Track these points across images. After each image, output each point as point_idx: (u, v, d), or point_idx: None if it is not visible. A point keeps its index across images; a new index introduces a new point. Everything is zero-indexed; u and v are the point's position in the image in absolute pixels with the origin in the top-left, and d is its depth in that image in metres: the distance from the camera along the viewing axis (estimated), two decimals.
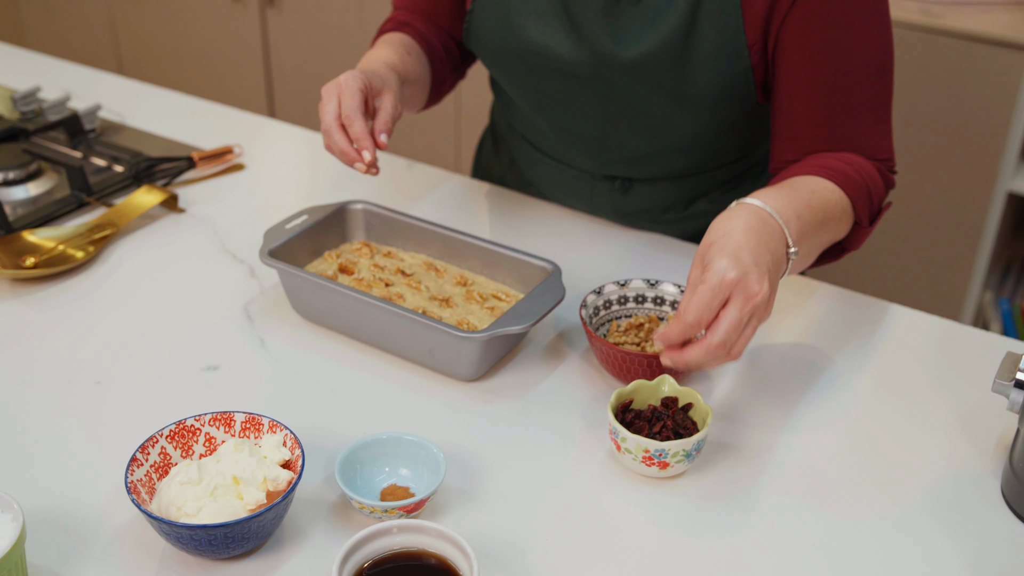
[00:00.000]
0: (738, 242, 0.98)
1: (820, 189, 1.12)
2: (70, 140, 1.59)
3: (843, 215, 1.14)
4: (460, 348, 1.09)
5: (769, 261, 0.99)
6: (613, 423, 1.00)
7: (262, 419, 0.97)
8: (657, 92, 1.24)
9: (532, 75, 1.31)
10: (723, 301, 0.95)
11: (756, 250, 0.97)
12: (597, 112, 1.31)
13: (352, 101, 1.15)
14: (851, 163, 1.17)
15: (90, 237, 1.35)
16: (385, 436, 0.99)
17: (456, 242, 1.25)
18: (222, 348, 1.18)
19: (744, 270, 0.95)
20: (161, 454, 0.95)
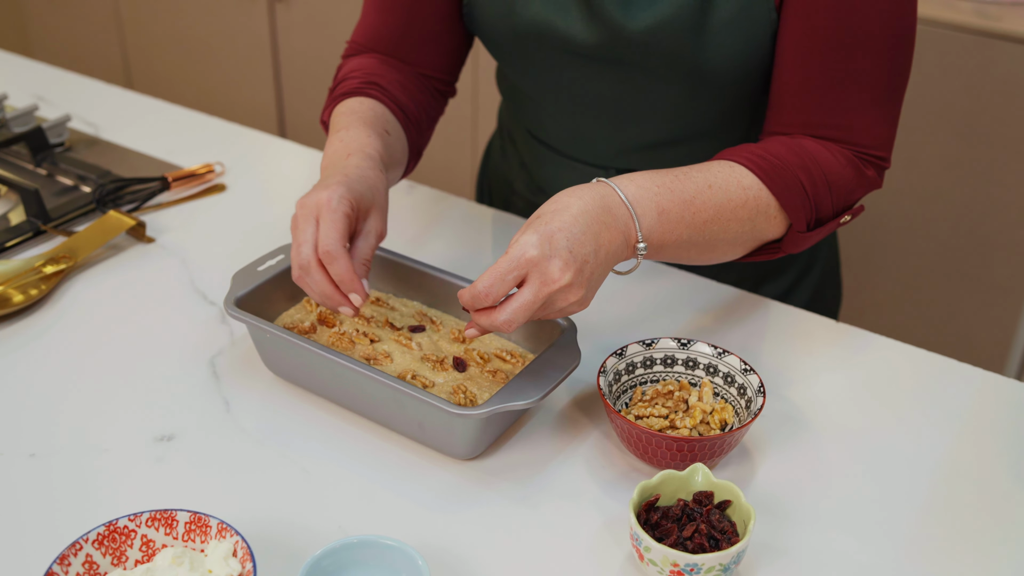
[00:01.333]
0: (562, 223, 0.89)
1: (724, 183, 1.00)
2: (33, 156, 1.43)
3: (757, 215, 1.01)
4: (454, 425, 0.92)
5: (589, 253, 0.89)
6: (635, 528, 0.82)
7: (210, 520, 0.80)
8: (671, 68, 1.09)
9: (538, 57, 1.15)
10: (519, 278, 0.88)
11: (578, 237, 0.89)
12: (609, 93, 1.15)
13: (334, 232, 0.93)
14: (801, 157, 1.03)
15: (42, 272, 1.18)
16: (357, 540, 0.81)
17: (453, 288, 1.07)
18: (180, 412, 1.01)
19: (549, 253, 0.87)
20: (87, 563, 0.79)
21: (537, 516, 0.91)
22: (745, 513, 0.85)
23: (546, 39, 1.12)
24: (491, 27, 1.16)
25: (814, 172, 1.03)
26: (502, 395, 0.91)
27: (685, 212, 0.97)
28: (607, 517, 0.91)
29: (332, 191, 0.95)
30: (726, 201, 0.99)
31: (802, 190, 1.02)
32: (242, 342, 1.11)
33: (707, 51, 1.06)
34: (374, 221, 0.99)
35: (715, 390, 1.01)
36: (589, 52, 1.11)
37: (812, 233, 1.05)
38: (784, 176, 1.01)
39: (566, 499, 0.92)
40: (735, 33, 1.05)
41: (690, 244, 0.99)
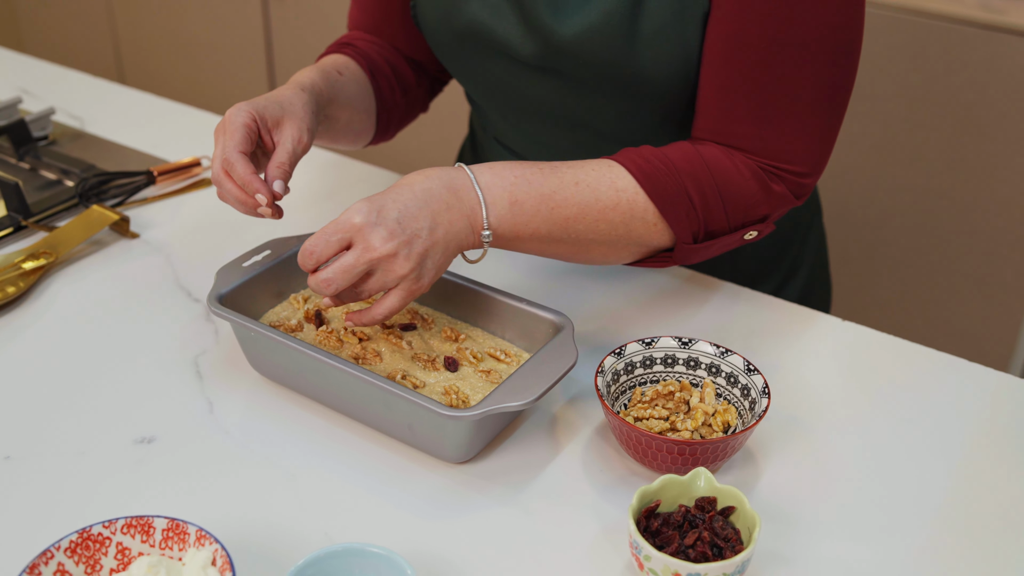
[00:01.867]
0: (398, 196, 0.90)
1: (594, 182, 0.96)
2: (15, 150, 1.39)
3: (631, 219, 0.97)
4: (445, 427, 0.88)
5: (422, 229, 0.89)
6: (635, 536, 0.78)
7: (188, 527, 0.77)
8: (610, 76, 1.04)
9: (479, 61, 1.12)
10: (344, 242, 0.89)
11: (412, 211, 0.89)
12: (549, 101, 1.11)
13: (231, 140, 0.97)
14: (695, 164, 0.98)
15: (22, 269, 1.14)
16: (341, 548, 0.77)
17: (446, 285, 1.03)
18: (162, 413, 0.98)
19: (376, 221, 0.88)
20: (58, 573, 0.75)
21: (532, 522, 0.87)
22: (750, 520, 0.81)
23: (485, 44, 1.09)
24: (433, 28, 1.13)
25: (704, 182, 0.98)
26: (495, 396, 0.87)
27: (542, 206, 0.94)
28: (605, 523, 0.87)
29: (232, 109, 1.00)
30: (593, 201, 0.96)
31: (687, 199, 0.97)
32: (227, 341, 1.07)
33: (640, 59, 1.01)
34: (289, 130, 1.01)
35: (717, 391, 0.97)
36: (526, 60, 1.07)
37: (703, 246, 1.00)
38: (666, 183, 0.97)
39: (562, 505, 0.89)
40: (668, 40, 1.00)
41: (551, 239, 0.96)
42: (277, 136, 1.01)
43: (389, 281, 0.90)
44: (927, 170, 2.07)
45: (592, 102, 1.09)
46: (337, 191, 1.35)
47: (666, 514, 0.83)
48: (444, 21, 1.11)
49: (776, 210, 1.02)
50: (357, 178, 1.39)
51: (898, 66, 2.00)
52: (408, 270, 0.89)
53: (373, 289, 0.91)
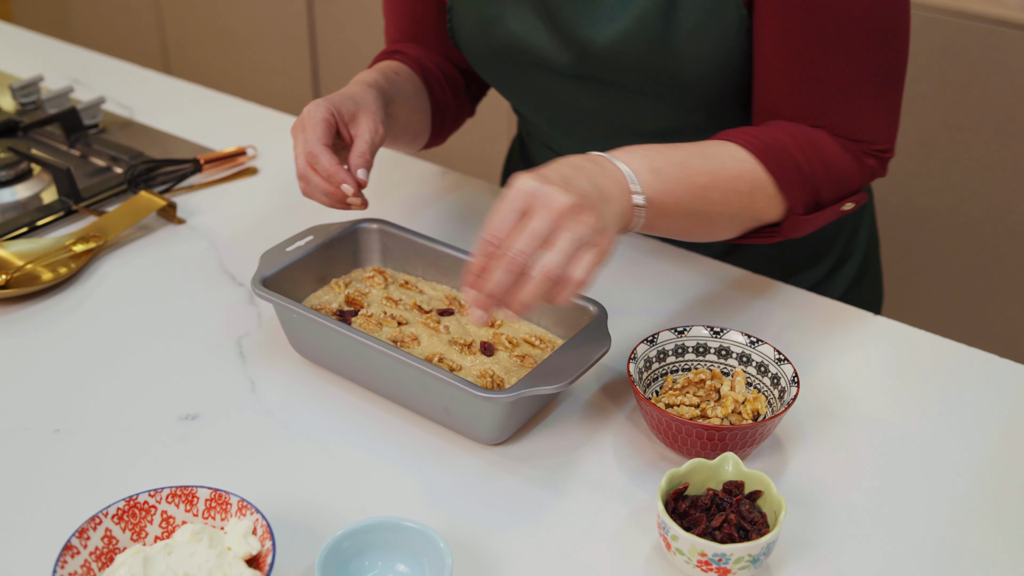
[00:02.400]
0: (550, 167, 0.85)
1: (718, 153, 0.97)
2: (67, 137, 1.43)
3: (755, 190, 0.98)
4: (480, 409, 0.90)
5: (586, 187, 0.84)
6: (663, 516, 0.80)
7: (230, 498, 0.79)
8: (646, 81, 1.06)
9: (518, 74, 1.14)
10: (521, 211, 0.82)
11: (570, 174, 0.84)
12: (590, 109, 1.13)
13: (314, 135, 1.00)
14: (798, 140, 1.00)
15: (72, 251, 1.18)
16: (376, 522, 0.80)
17: None
18: (206, 392, 1.01)
19: (546, 183, 0.82)
20: (105, 538, 0.78)
21: (563, 503, 0.89)
22: (776, 504, 0.82)
23: (522, 58, 1.11)
24: (470, 46, 1.16)
25: (811, 155, 1.00)
26: (529, 379, 0.89)
27: (680, 173, 0.93)
28: (634, 506, 0.89)
29: (311, 105, 1.02)
30: (721, 169, 0.97)
31: (799, 171, 1.00)
32: (269, 324, 1.10)
33: (677, 60, 1.03)
34: (366, 122, 1.04)
35: (748, 380, 0.99)
36: (564, 70, 1.09)
37: (811, 217, 1.03)
38: (780, 156, 0.99)
39: (593, 487, 0.91)
40: (705, 38, 1.02)
41: (689, 212, 0.95)
42: (354, 129, 1.04)
43: (578, 236, 0.81)
44: (966, 171, 2.06)
45: (633, 106, 1.11)
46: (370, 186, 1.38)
47: (694, 497, 0.85)
48: (481, 39, 1.14)
49: (868, 182, 1.06)
50: (406, 174, 1.41)
51: (938, 67, 2.00)
52: (594, 219, 0.82)
53: (560, 260, 0.80)
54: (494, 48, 1.13)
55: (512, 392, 0.87)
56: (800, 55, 1.00)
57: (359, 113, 1.04)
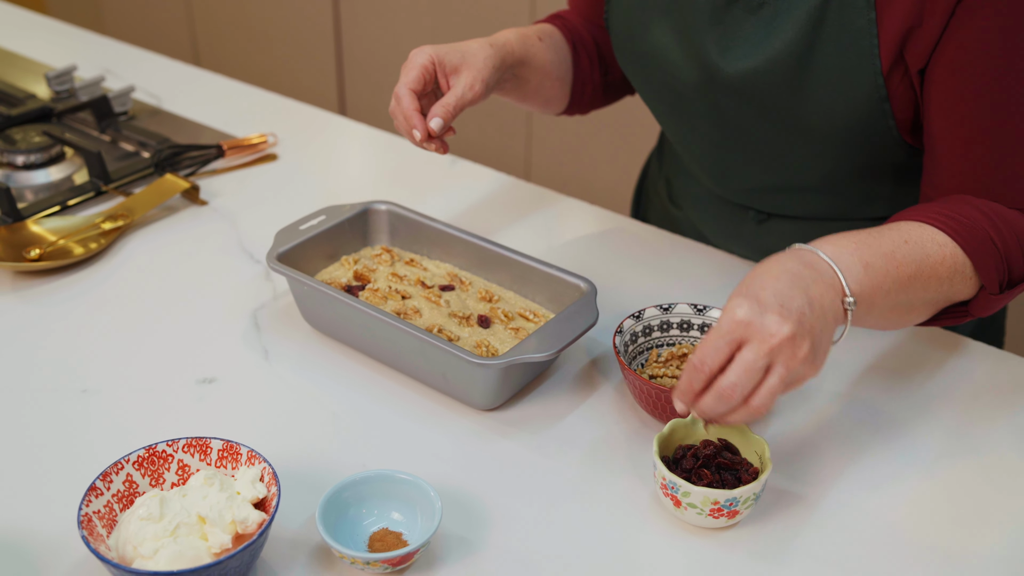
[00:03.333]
0: (764, 282, 0.84)
1: (919, 239, 0.94)
2: (98, 123, 1.51)
3: (954, 274, 0.95)
4: (475, 375, 0.97)
5: (803, 305, 0.83)
6: (669, 477, 0.87)
7: (240, 448, 0.87)
8: (768, 119, 1.08)
9: (652, 82, 1.18)
10: (735, 343, 0.82)
11: (786, 291, 0.83)
12: (711, 133, 1.16)
13: (406, 78, 1.08)
14: (988, 215, 0.97)
15: (101, 228, 1.26)
16: (373, 474, 0.87)
17: (485, 252, 1.13)
18: (223, 358, 1.08)
19: (760, 309, 0.81)
20: (127, 482, 0.85)
21: (550, 463, 0.96)
22: (758, 445, 0.90)
23: (655, 64, 1.14)
24: (619, 44, 1.19)
25: (1004, 231, 0.97)
26: (520, 348, 0.96)
27: (889, 265, 0.90)
28: (616, 468, 0.95)
29: (415, 50, 1.09)
30: (925, 257, 0.93)
31: (995, 249, 0.96)
32: (283, 297, 1.17)
33: (807, 106, 1.04)
34: (465, 77, 1.09)
35: None
36: (689, 86, 1.12)
37: (1004, 295, 0.99)
38: (976, 235, 0.95)
39: (579, 449, 0.97)
40: (834, 93, 1.02)
41: (895, 303, 0.92)
42: (454, 80, 1.09)
43: (793, 370, 0.82)
44: None
45: (752, 138, 1.12)
46: (384, 171, 1.44)
47: (676, 457, 0.91)
48: (627, 41, 1.17)
49: None
50: (417, 161, 1.48)
51: None
52: (807, 350, 0.82)
53: (774, 388, 0.82)
54: (635, 53, 1.16)
55: (504, 359, 0.94)
56: (976, 129, 0.97)
57: (462, 67, 1.09)
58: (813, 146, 1.09)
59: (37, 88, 1.63)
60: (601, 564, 0.86)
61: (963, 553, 0.87)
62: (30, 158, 1.40)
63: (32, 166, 1.40)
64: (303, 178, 1.43)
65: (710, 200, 1.28)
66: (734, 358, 0.82)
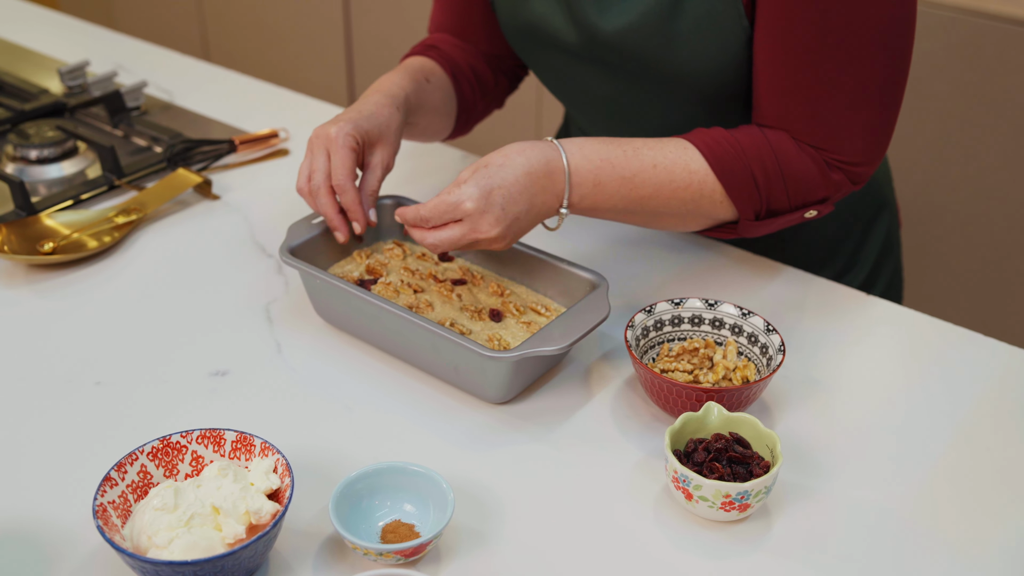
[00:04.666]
0: (503, 180, 0.98)
1: (671, 164, 1.04)
2: (111, 118, 1.52)
3: (700, 198, 1.06)
4: (487, 368, 0.97)
5: (521, 211, 0.99)
6: (681, 470, 0.87)
7: (254, 440, 0.87)
8: (651, 71, 1.12)
9: (540, 53, 1.22)
10: (454, 219, 0.98)
11: (514, 196, 0.98)
12: (602, 92, 1.20)
13: (344, 167, 1.07)
14: (762, 147, 1.05)
15: (114, 222, 1.26)
16: (386, 466, 0.88)
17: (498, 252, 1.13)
18: (235, 351, 1.08)
19: (484, 208, 0.97)
20: (141, 473, 0.86)
21: (561, 456, 0.96)
22: (767, 439, 0.90)
23: (542, 37, 1.18)
24: (504, 23, 1.23)
25: (769, 165, 1.05)
26: (532, 341, 0.96)
27: (622, 187, 1.03)
28: (628, 462, 0.96)
29: (339, 128, 1.08)
30: (668, 182, 1.04)
31: (751, 181, 1.05)
32: (296, 291, 1.18)
33: (678, 56, 1.08)
34: (380, 154, 1.11)
35: (739, 349, 1.05)
36: (576, 51, 1.15)
37: (765, 222, 1.08)
38: (734, 165, 1.04)
39: (590, 444, 0.98)
40: (704, 39, 1.06)
41: (626, 212, 1.05)
42: (370, 156, 1.11)
43: (480, 246, 1.01)
44: (982, 168, 2.11)
45: (638, 94, 1.17)
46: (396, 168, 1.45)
47: (687, 451, 0.92)
48: (511, 17, 1.20)
49: (835, 194, 1.09)
50: (429, 158, 1.49)
51: (954, 66, 2.05)
52: (502, 245, 1.01)
53: (462, 249, 1.02)
54: (519, 26, 1.20)
55: (516, 352, 0.94)
56: (791, 63, 1.03)
57: (378, 143, 1.11)
58: (694, 90, 1.12)
59: (50, 83, 1.64)
60: (613, 556, 0.86)
61: (974, 546, 0.87)
62: (43, 153, 1.41)
63: (45, 160, 1.41)
64: None
65: None
66: (446, 226, 0.99)
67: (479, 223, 0.98)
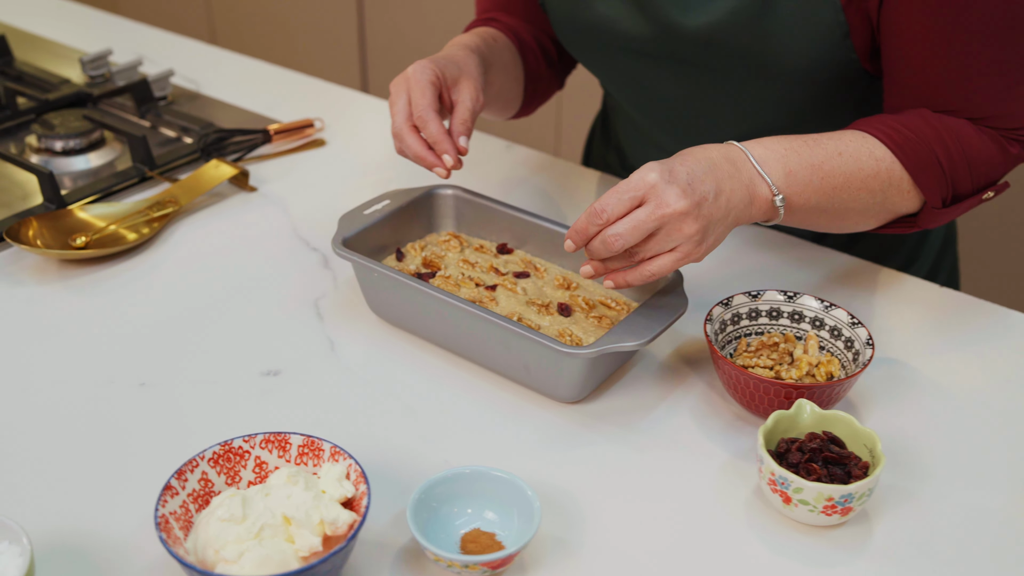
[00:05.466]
0: (684, 160, 0.89)
1: (855, 152, 0.97)
2: (137, 108, 1.45)
3: (888, 187, 0.99)
4: (562, 365, 0.91)
5: (709, 192, 0.88)
6: (779, 471, 0.81)
7: (323, 444, 0.81)
8: (737, 67, 1.06)
9: (604, 53, 1.15)
10: (636, 200, 0.87)
11: (699, 175, 0.89)
12: (675, 93, 1.14)
13: (423, 98, 1.00)
14: (938, 130, 0.98)
15: (149, 215, 1.20)
16: (468, 471, 0.82)
17: (559, 237, 1.07)
18: (286, 350, 1.02)
19: (669, 180, 0.87)
20: (202, 481, 0.80)
21: (643, 459, 0.90)
22: (866, 438, 0.85)
23: (605, 35, 1.11)
24: (558, 20, 1.16)
25: (952, 147, 0.99)
26: (610, 336, 0.90)
27: (813, 176, 0.95)
28: (715, 462, 0.90)
29: (417, 65, 1.03)
30: (856, 170, 0.97)
31: (938, 166, 0.99)
32: (345, 286, 1.12)
33: (773, 49, 1.02)
34: (466, 90, 1.04)
35: (821, 344, 0.99)
36: (648, 51, 1.09)
37: (949, 209, 1.02)
38: (919, 150, 0.98)
39: (671, 444, 0.92)
40: (800, 32, 1.01)
41: (819, 210, 0.97)
42: (455, 95, 1.04)
43: (672, 240, 0.88)
44: None
45: (719, 96, 1.11)
46: None
47: (781, 451, 0.86)
48: (569, 19, 1.14)
49: (1010, 169, 1.04)
50: None
51: None
52: (695, 231, 0.87)
53: (651, 251, 0.89)
54: (579, 27, 1.13)
55: (595, 347, 0.89)
56: (940, 45, 0.97)
57: (461, 79, 1.04)
58: (779, 89, 1.07)
59: (70, 73, 1.58)
60: (705, 564, 0.80)
61: None
62: (69, 143, 1.35)
63: (71, 152, 1.35)
64: (353, 163, 1.38)
65: None
66: (629, 214, 0.87)
67: (664, 195, 0.86)
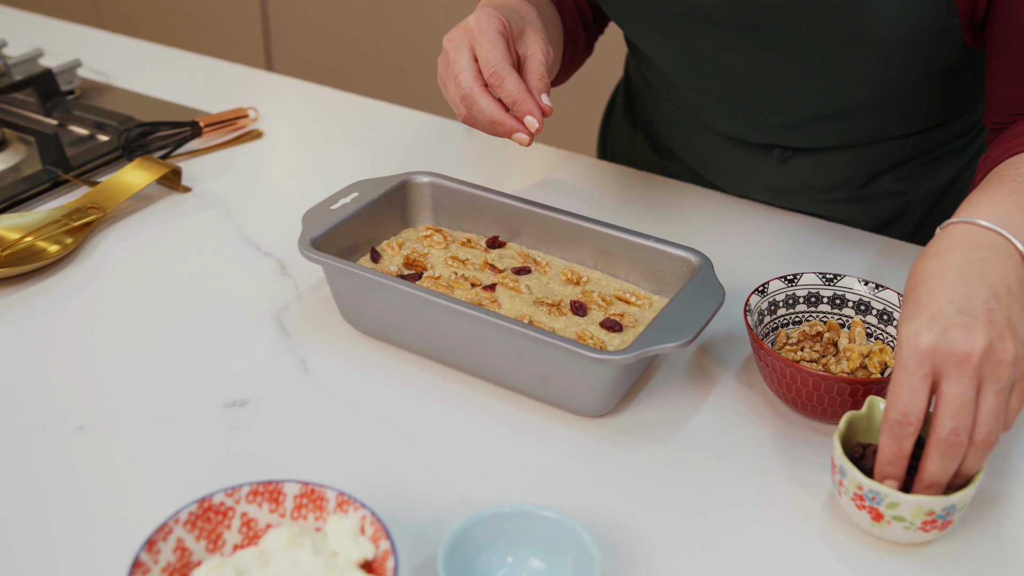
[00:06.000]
0: (932, 292, 0.69)
1: None
2: (42, 104, 1.27)
3: None
4: (588, 373, 0.78)
5: (987, 299, 0.68)
6: (870, 486, 0.69)
7: (325, 492, 0.66)
8: (822, 35, 0.92)
9: (656, 25, 1.00)
10: (928, 377, 0.67)
11: (959, 292, 0.68)
12: (745, 67, 0.99)
13: (495, 51, 0.85)
14: None
15: (67, 225, 1.03)
16: (510, 510, 0.67)
17: (559, 224, 0.93)
18: (251, 374, 0.87)
19: (941, 329, 0.67)
20: (178, 551, 0.64)
21: (689, 477, 0.77)
22: None
23: (662, 5, 0.97)
24: None
25: None
26: (647, 337, 0.77)
27: None
28: (774, 475, 0.77)
29: (478, 14, 0.86)
30: None
31: None
32: (309, 294, 0.96)
33: (865, 13, 0.89)
34: (533, 41, 0.89)
35: (868, 330, 0.88)
36: (719, 16, 0.94)
37: None
38: None
39: (720, 457, 0.79)
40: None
41: None
42: (521, 47, 0.89)
43: (1002, 378, 0.67)
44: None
45: (788, 69, 0.97)
46: (393, 143, 1.24)
47: (858, 457, 0.73)
48: None
49: None
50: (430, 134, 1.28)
51: None
52: (1014, 349, 0.67)
53: (992, 410, 0.67)
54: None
55: (631, 352, 0.75)
56: None
57: (526, 29, 0.89)
58: (869, 58, 0.93)
59: None
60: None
61: None
62: None
63: None
64: (296, 154, 1.22)
65: (723, 144, 1.12)
66: (938, 398, 0.67)
67: (953, 347, 0.66)
